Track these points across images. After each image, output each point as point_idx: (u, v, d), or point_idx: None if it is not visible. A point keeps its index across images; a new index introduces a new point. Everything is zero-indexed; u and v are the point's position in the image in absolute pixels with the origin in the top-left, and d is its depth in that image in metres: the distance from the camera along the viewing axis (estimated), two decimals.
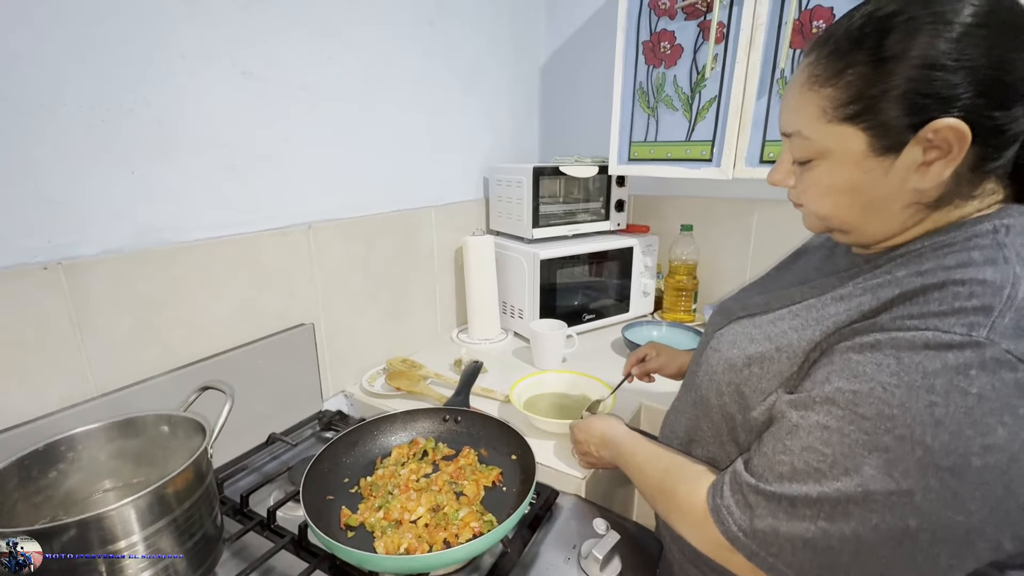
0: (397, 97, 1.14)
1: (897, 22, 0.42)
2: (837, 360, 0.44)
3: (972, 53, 0.40)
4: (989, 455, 0.36)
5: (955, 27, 0.40)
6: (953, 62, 0.40)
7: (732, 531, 0.47)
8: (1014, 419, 0.36)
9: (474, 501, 0.71)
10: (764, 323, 0.54)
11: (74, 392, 0.70)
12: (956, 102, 0.41)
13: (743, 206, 1.38)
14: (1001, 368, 0.36)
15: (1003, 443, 0.36)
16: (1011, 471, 0.36)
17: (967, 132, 0.41)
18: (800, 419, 0.44)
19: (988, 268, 0.40)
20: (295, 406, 1.00)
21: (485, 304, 1.32)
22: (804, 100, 0.48)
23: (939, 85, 0.41)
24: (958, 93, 0.40)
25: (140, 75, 0.72)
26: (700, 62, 1.10)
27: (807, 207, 0.53)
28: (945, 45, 0.40)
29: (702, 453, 0.60)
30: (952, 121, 0.41)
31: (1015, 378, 0.36)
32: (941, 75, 0.40)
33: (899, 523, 0.39)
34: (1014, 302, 0.38)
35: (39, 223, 0.66)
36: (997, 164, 0.44)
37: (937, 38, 0.40)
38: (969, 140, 0.41)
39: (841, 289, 0.49)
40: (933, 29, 0.41)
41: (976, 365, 0.37)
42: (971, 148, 0.42)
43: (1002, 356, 0.36)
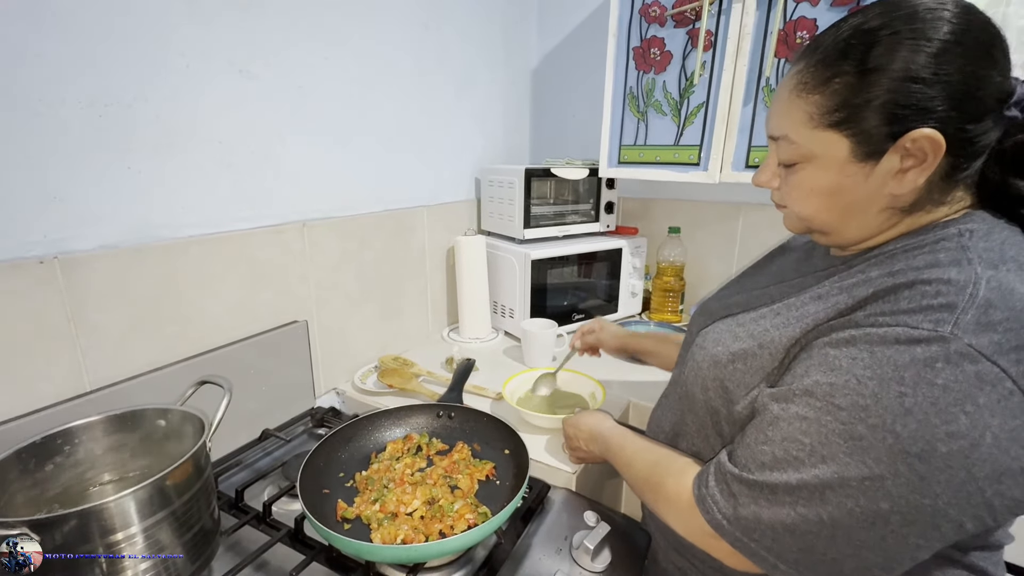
0: (391, 98, 1.15)
1: (882, 35, 0.45)
2: (815, 355, 0.46)
3: (949, 68, 0.43)
4: (953, 442, 0.39)
5: (934, 43, 0.43)
6: (932, 76, 0.43)
7: (717, 519, 0.49)
8: (975, 408, 0.39)
9: (468, 494, 0.73)
10: (747, 321, 0.57)
11: (69, 387, 0.70)
12: (932, 114, 0.44)
13: (729, 210, 1.42)
14: (964, 361, 0.39)
15: (965, 430, 0.39)
16: (972, 456, 0.39)
17: (942, 142, 0.44)
18: (781, 411, 0.47)
19: (953, 269, 0.43)
20: (288, 403, 1.00)
21: (476, 303, 1.33)
22: (792, 106, 0.51)
23: (918, 97, 0.43)
24: (935, 105, 0.43)
25: (139, 72, 0.73)
26: (689, 69, 1.14)
27: (790, 208, 0.56)
28: (925, 59, 0.43)
29: (687, 446, 0.62)
30: (929, 131, 0.43)
31: (976, 370, 0.39)
32: (920, 88, 0.43)
33: (872, 507, 0.41)
34: (975, 300, 0.41)
35: (36, 217, 0.66)
36: (966, 173, 0.47)
37: (918, 52, 0.43)
38: (943, 150, 0.44)
39: (819, 288, 0.52)
40: (914, 44, 0.43)
41: (942, 358, 0.39)
42: (944, 158, 0.45)
43: (965, 350, 0.39)
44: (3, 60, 0.61)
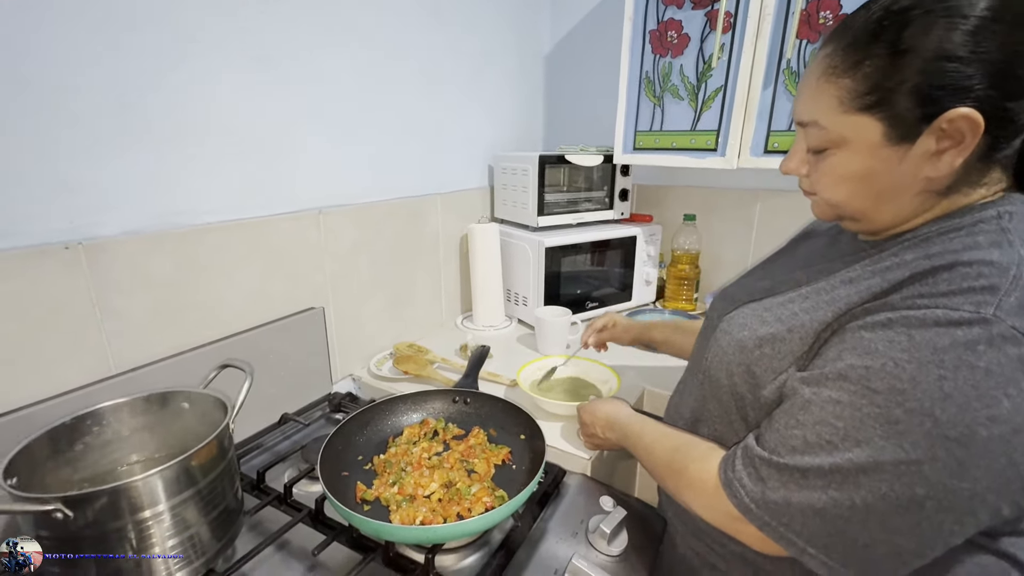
0: (404, 86, 1.14)
1: (914, 15, 0.43)
2: (849, 339, 0.46)
3: (987, 46, 0.41)
4: (994, 426, 0.38)
5: (970, 20, 0.42)
6: (969, 54, 0.42)
7: (744, 502, 0.49)
8: (1018, 392, 0.38)
9: (485, 478, 0.73)
10: (774, 305, 0.56)
11: (95, 370, 0.72)
12: (970, 93, 0.42)
13: (746, 196, 1.40)
14: (1007, 344, 0.38)
15: (1007, 415, 0.38)
16: (1014, 441, 0.38)
17: (981, 122, 0.42)
18: (812, 395, 0.46)
19: (994, 250, 0.42)
20: (305, 388, 1.02)
21: (490, 291, 1.34)
22: (821, 90, 0.49)
23: (954, 76, 0.42)
24: (972, 84, 0.42)
25: (155, 60, 0.73)
26: (707, 52, 1.12)
27: (820, 195, 0.55)
28: (961, 37, 0.42)
29: (708, 432, 0.62)
30: (967, 111, 0.42)
31: (1019, 353, 0.38)
32: (956, 67, 0.42)
33: (907, 491, 0.41)
34: (1019, 282, 0.40)
35: (61, 204, 0.67)
36: (1005, 154, 0.46)
37: (953, 31, 0.42)
38: (982, 130, 0.43)
39: (850, 272, 0.51)
40: (949, 22, 0.42)
41: (984, 341, 0.39)
42: (982, 138, 0.43)
43: (1008, 332, 0.38)
44: (27, 49, 0.62)
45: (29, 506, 0.47)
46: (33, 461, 0.56)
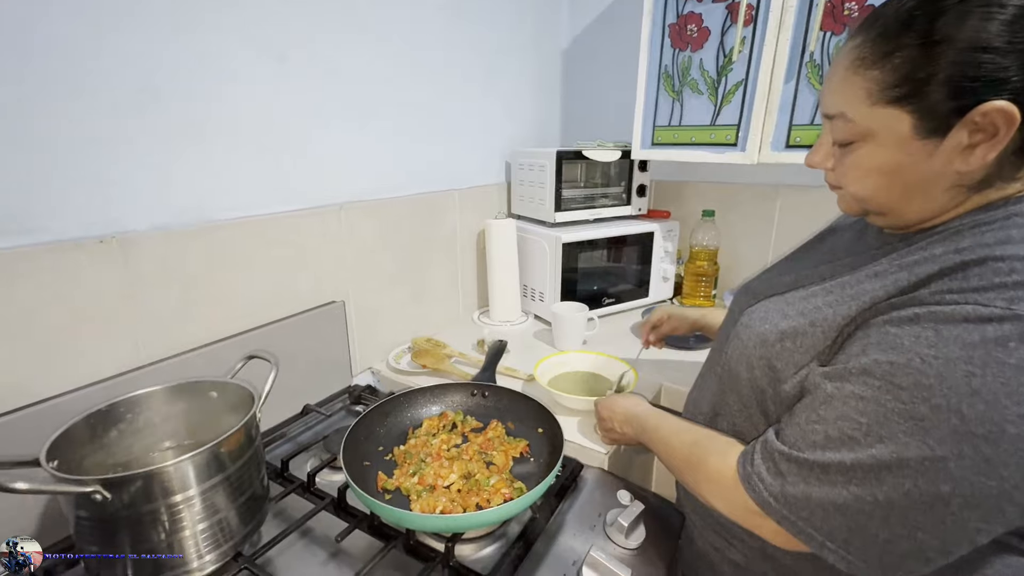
0: (421, 81, 1.15)
1: (948, 4, 0.42)
2: (874, 333, 0.45)
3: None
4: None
5: (1008, 9, 0.40)
6: (1005, 44, 0.40)
7: (763, 496, 0.49)
8: None
9: (503, 470, 0.74)
10: (796, 299, 0.56)
11: (126, 360, 0.74)
12: (1006, 85, 0.41)
13: (766, 192, 1.38)
14: None
15: None
16: None
17: (1017, 115, 0.41)
18: (835, 390, 0.46)
19: None
20: (326, 380, 1.04)
21: (506, 287, 1.34)
22: (849, 82, 0.49)
23: (989, 68, 0.41)
24: (1008, 76, 0.41)
25: (179, 56, 0.75)
26: (727, 45, 1.10)
27: (846, 189, 0.54)
28: (997, 28, 0.41)
29: (727, 426, 0.62)
30: (1002, 104, 0.41)
31: None
32: (991, 58, 0.41)
33: (932, 488, 0.40)
34: None
35: (94, 199, 0.70)
36: None
37: (990, 21, 0.41)
38: (1018, 123, 0.42)
39: (876, 266, 0.51)
40: (985, 12, 0.41)
41: (1016, 337, 0.38)
42: (1017, 131, 0.42)
43: None
44: (60, 49, 0.64)
45: (70, 487, 0.49)
46: (72, 445, 0.59)
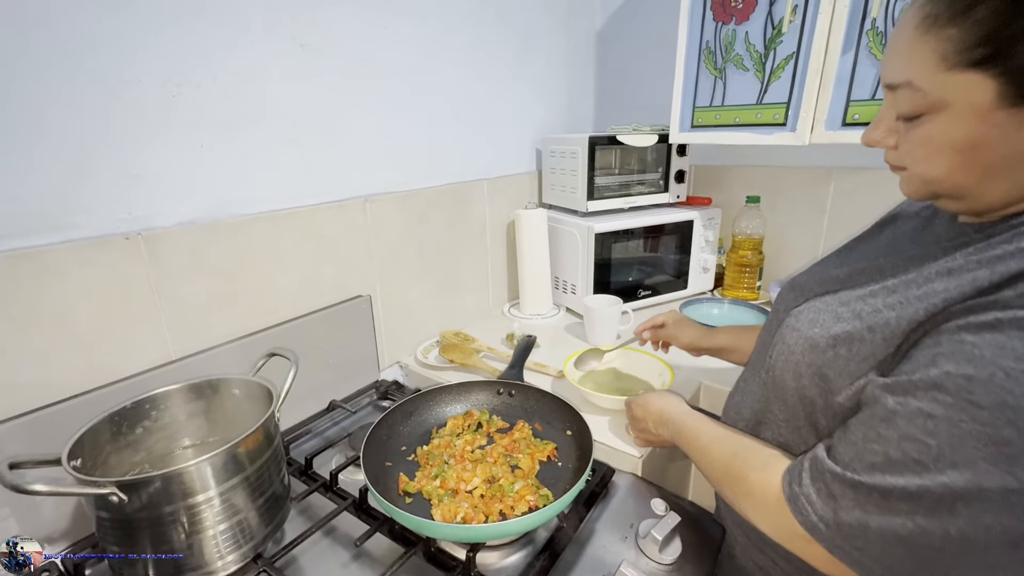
0: (449, 68, 1.11)
1: None
2: (945, 341, 0.39)
3: None
4: None
5: None
6: None
7: (812, 521, 0.44)
8: None
9: (529, 475, 0.71)
10: (851, 299, 0.49)
11: (155, 355, 0.75)
12: None
13: (818, 175, 1.27)
14: None
15: None
16: None
17: None
18: (898, 405, 0.40)
19: None
20: (353, 375, 1.03)
21: (537, 279, 1.30)
22: (917, 45, 0.41)
23: None
24: None
25: (207, 50, 0.74)
26: (777, 15, 1.01)
27: (911, 170, 0.46)
28: None
29: (771, 436, 0.56)
30: None
31: None
32: None
33: (1018, 525, 0.35)
34: None
35: (121, 195, 0.70)
36: None
37: None
38: None
39: (948, 261, 0.43)
40: None
41: None
42: None
43: None
44: (87, 44, 0.63)
45: (87, 489, 0.49)
46: (97, 443, 0.59)
